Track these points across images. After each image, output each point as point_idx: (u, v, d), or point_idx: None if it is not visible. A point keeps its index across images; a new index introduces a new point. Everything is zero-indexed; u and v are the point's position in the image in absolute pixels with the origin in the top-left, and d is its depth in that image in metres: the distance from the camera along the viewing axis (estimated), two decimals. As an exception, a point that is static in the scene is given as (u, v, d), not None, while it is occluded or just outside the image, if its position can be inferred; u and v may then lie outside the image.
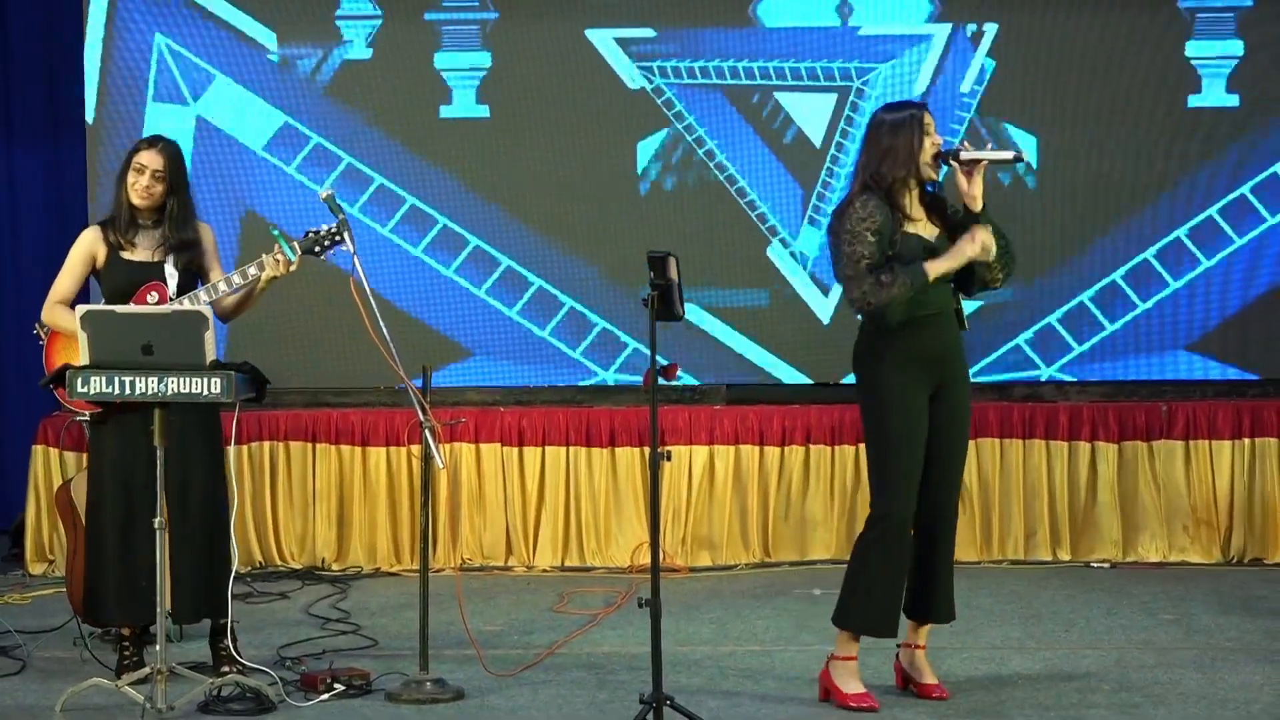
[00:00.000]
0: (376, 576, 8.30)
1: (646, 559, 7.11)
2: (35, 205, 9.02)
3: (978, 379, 8.00)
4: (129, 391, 5.53)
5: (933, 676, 5.88)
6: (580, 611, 7.38)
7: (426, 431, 5.81)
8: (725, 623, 7.14)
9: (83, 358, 5.57)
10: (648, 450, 8.10)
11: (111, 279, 6.21)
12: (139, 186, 6.17)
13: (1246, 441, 8.33)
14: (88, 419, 6.23)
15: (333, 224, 6.09)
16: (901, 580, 5.74)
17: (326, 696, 5.90)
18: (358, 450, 8.42)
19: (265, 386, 5.70)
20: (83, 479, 6.37)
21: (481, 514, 8.44)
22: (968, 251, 5.63)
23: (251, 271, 6.10)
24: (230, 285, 6.13)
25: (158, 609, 5.61)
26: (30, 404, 8.45)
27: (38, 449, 8.29)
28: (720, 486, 8.40)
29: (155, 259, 6.19)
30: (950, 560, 5.85)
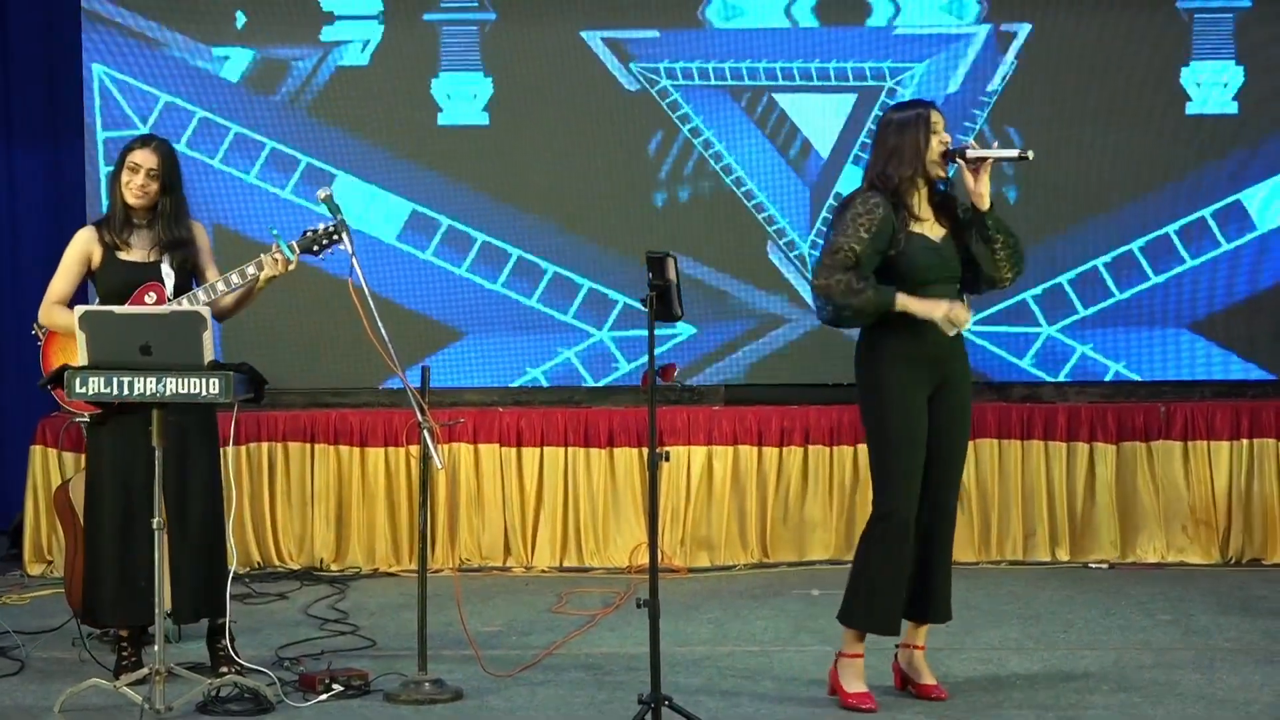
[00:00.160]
0: (375, 577, 8.29)
1: (645, 559, 7.13)
2: (35, 205, 9.00)
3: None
4: (127, 392, 5.52)
5: (931, 677, 5.88)
6: (579, 612, 7.37)
7: (425, 432, 5.81)
8: (723, 623, 7.14)
9: (81, 358, 5.56)
10: (646, 451, 8.11)
11: (108, 279, 6.20)
12: (134, 185, 6.16)
13: (1245, 442, 8.32)
14: (87, 420, 6.22)
15: (330, 223, 6.09)
16: (903, 580, 5.74)
17: (325, 697, 5.90)
18: (356, 451, 8.42)
19: (263, 387, 5.69)
20: (81, 479, 6.36)
21: (480, 514, 8.43)
22: (935, 313, 5.61)
23: (250, 271, 6.10)
24: (229, 285, 6.13)
25: (156, 609, 5.61)
26: (29, 404, 8.44)
27: (36, 449, 8.28)
28: (719, 487, 8.40)
29: (151, 259, 6.18)
30: (948, 560, 5.85)
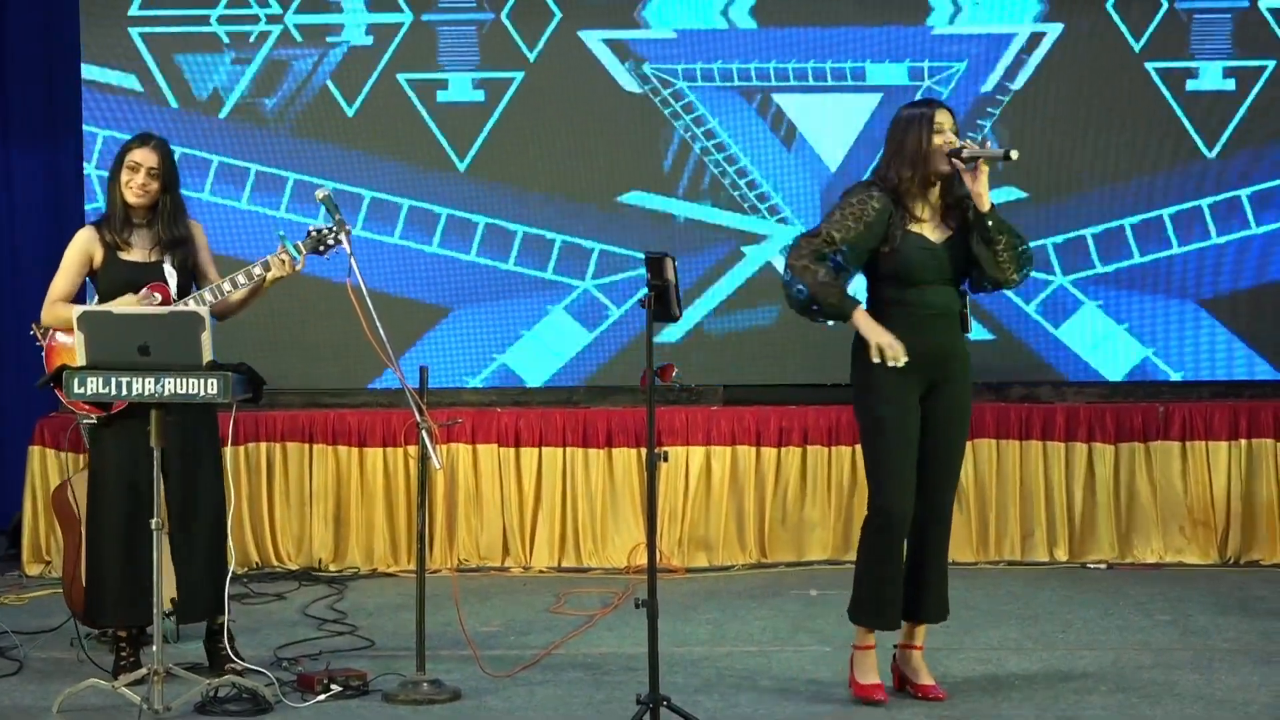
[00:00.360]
0: (373, 577, 8.29)
1: (643, 559, 7.12)
2: (34, 205, 9.00)
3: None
4: (126, 392, 5.52)
5: (930, 677, 5.88)
6: (577, 612, 7.38)
7: (423, 432, 5.81)
8: (722, 623, 7.14)
9: (80, 358, 5.56)
10: (645, 451, 8.14)
11: (110, 280, 6.19)
12: (134, 184, 6.16)
13: (1243, 442, 8.33)
14: (93, 421, 6.20)
15: (331, 223, 6.09)
16: (899, 575, 5.75)
17: (323, 697, 5.90)
18: (355, 451, 8.42)
19: (262, 387, 5.69)
20: (81, 479, 6.36)
21: (478, 515, 8.43)
22: (878, 339, 5.56)
23: (257, 272, 6.11)
24: (235, 285, 6.13)
25: (155, 609, 5.61)
26: (29, 404, 8.44)
27: (34, 449, 8.28)
28: (717, 487, 8.40)
29: (153, 259, 6.19)
30: (944, 559, 5.86)
